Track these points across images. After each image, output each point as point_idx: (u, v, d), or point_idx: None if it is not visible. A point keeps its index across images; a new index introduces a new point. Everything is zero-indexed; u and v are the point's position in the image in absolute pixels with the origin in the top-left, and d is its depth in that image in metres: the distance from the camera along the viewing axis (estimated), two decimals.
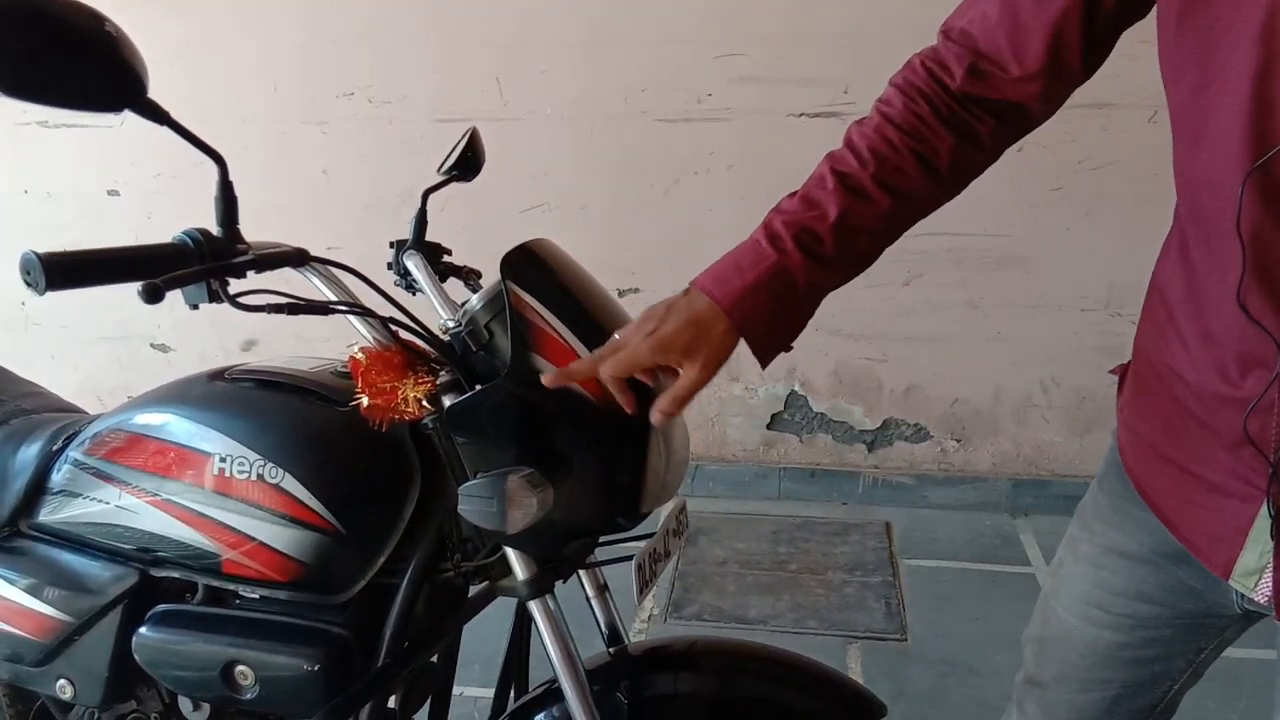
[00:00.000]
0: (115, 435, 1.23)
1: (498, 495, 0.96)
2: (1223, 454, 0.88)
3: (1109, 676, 1.09)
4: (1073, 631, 1.10)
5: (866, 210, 0.97)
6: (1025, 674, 1.19)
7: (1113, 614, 1.06)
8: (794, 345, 1.04)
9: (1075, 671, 1.11)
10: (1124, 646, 1.07)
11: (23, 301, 3.56)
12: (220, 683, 1.17)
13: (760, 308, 0.96)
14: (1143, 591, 1.03)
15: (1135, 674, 1.08)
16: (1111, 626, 1.07)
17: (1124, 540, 1.04)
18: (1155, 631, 1.05)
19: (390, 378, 1.05)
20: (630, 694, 1.09)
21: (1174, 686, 1.10)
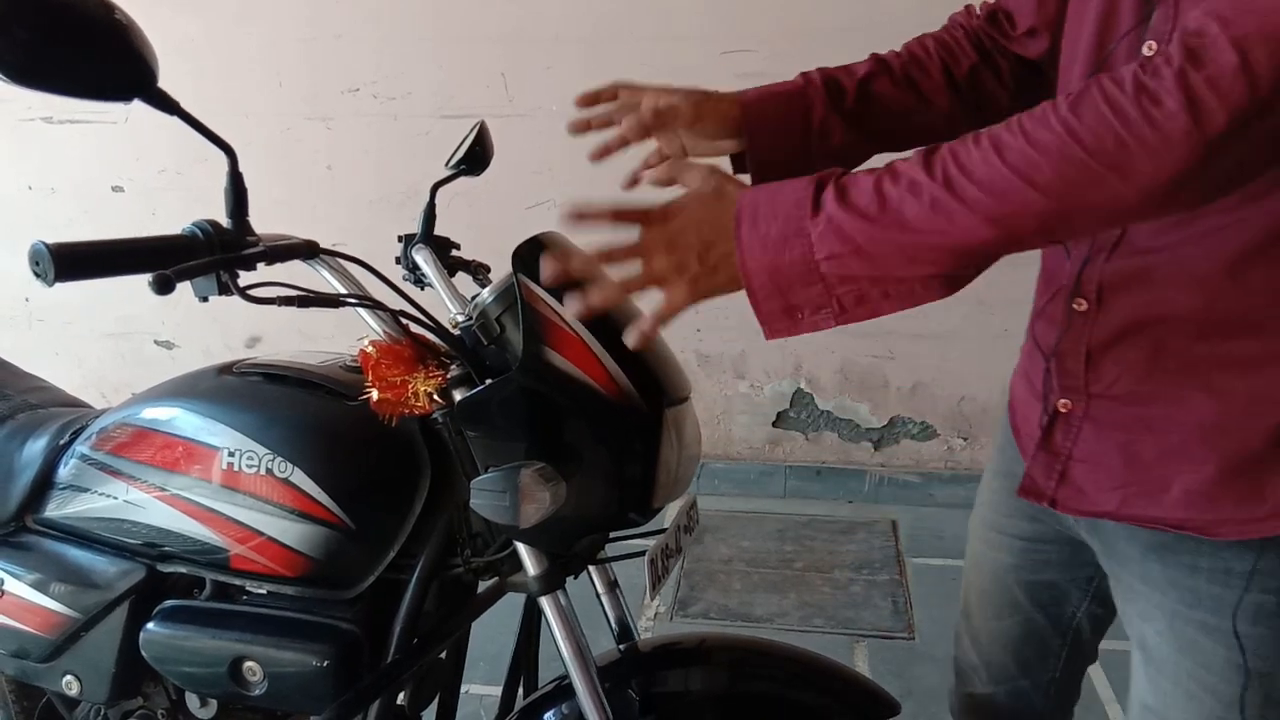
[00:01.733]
0: (122, 430, 1.23)
1: (510, 489, 0.96)
2: (1037, 365, 1.00)
3: (1014, 600, 1.16)
4: (982, 559, 1.20)
5: (888, 87, 1.07)
6: (961, 610, 1.27)
7: (1006, 534, 1.15)
8: None
9: (988, 598, 1.19)
10: (1019, 568, 1.14)
11: (26, 298, 3.55)
12: (228, 679, 1.16)
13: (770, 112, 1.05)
14: (1025, 509, 1.09)
15: (1034, 597, 1.14)
16: (1006, 548, 1.15)
17: (1008, 465, 1.12)
18: (1041, 549, 1.11)
19: (400, 371, 1.05)
20: (641, 691, 1.08)
21: (1076, 615, 1.14)
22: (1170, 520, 0.90)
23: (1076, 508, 0.97)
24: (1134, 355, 0.90)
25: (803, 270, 0.81)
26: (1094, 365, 0.93)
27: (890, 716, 1.12)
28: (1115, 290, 0.89)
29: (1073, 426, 0.96)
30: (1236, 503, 0.87)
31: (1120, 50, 0.86)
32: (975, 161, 0.73)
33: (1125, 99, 0.68)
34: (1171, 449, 0.89)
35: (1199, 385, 0.87)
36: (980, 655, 1.22)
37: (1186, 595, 0.92)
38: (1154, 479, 0.91)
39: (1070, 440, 0.96)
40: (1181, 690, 0.92)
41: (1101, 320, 0.91)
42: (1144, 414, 0.91)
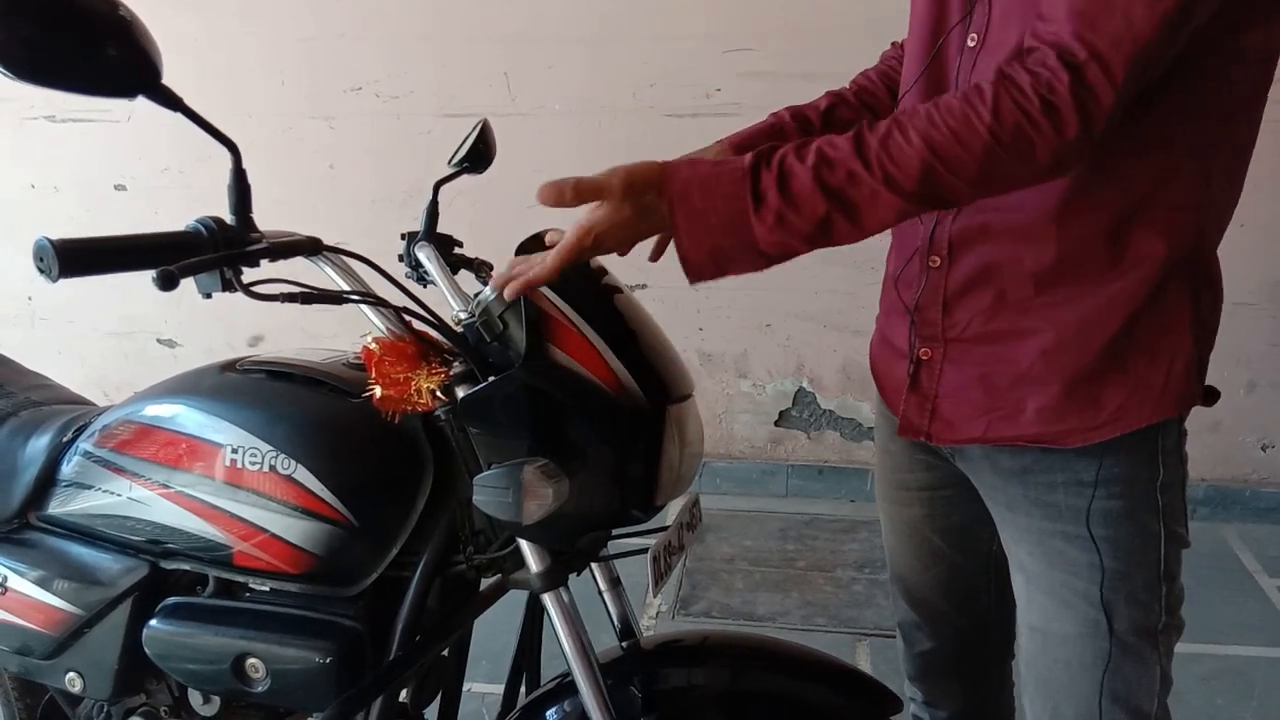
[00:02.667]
0: (126, 426, 1.23)
1: (513, 486, 0.96)
2: (895, 320, 1.11)
3: (934, 549, 1.26)
4: (895, 518, 1.29)
5: (848, 114, 1.22)
6: (890, 574, 1.36)
7: (908, 489, 1.24)
8: None
9: (911, 552, 1.29)
10: (930, 517, 1.24)
11: (29, 296, 3.56)
12: (231, 675, 1.16)
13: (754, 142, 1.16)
14: (916, 460, 1.21)
15: (952, 539, 1.24)
16: (912, 502, 1.25)
17: (885, 425, 1.22)
18: (944, 496, 1.21)
19: (404, 368, 1.05)
20: (644, 688, 1.08)
21: (991, 546, 1.22)
22: (1026, 435, 1.03)
23: (950, 438, 1.09)
24: (982, 301, 1.03)
25: (745, 250, 0.93)
26: (949, 313, 1.05)
27: (893, 714, 1.11)
28: (962, 245, 1.03)
29: (934, 370, 1.08)
30: (1079, 413, 1.00)
31: (951, 41, 1.02)
32: (909, 157, 0.86)
33: (1034, 109, 0.83)
34: (1021, 375, 1.02)
35: (1037, 320, 1.00)
36: (918, 611, 1.31)
37: (1050, 511, 1.04)
38: (1010, 403, 1.03)
39: (934, 382, 1.08)
40: (1057, 600, 1.04)
41: (953, 273, 1.04)
42: (994, 351, 1.03)
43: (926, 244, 1.05)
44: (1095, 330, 0.98)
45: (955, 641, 1.31)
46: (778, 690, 1.09)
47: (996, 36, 0.96)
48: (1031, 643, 1.10)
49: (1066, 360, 0.99)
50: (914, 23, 1.09)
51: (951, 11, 1.02)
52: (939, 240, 1.04)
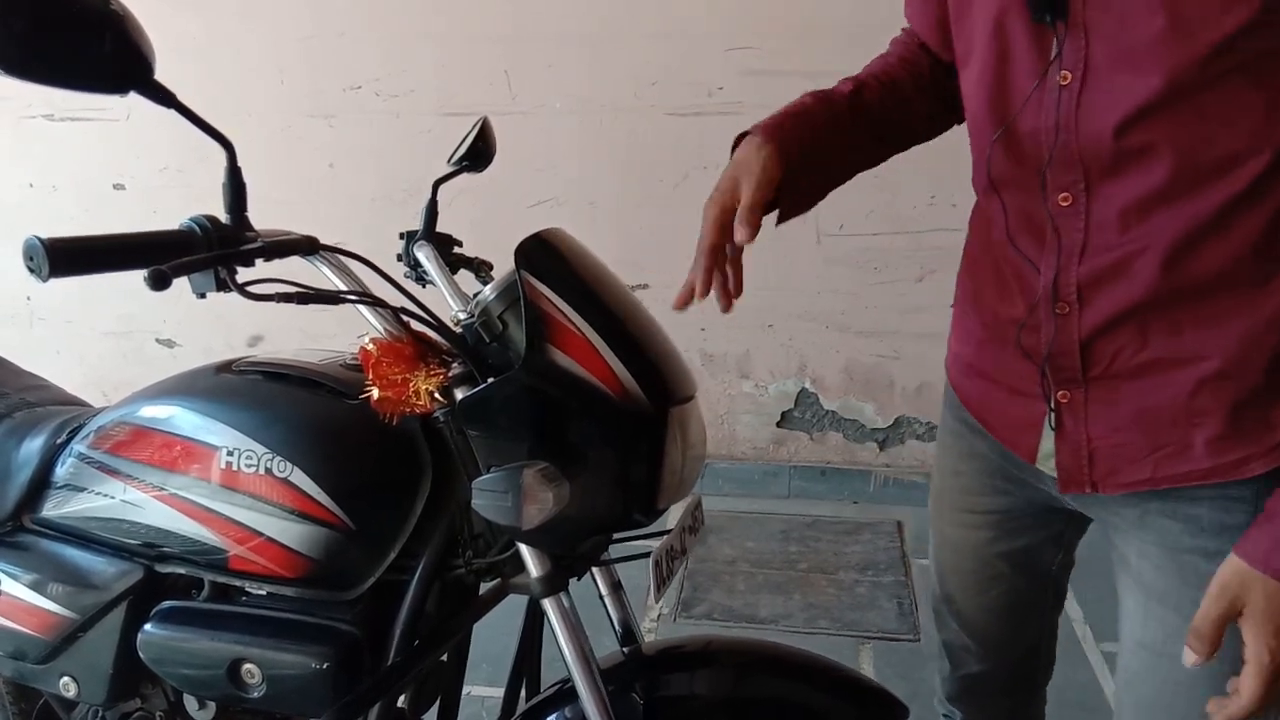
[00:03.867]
0: (120, 428, 1.21)
1: (513, 490, 0.94)
2: (1013, 364, 1.05)
3: (996, 572, 1.22)
4: (956, 541, 1.25)
5: (875, 95, 1.15)
6: (936, 597, 1.32)
7: (978, 513, 1.20)
8: None
9: (970, 577, 1.25)
10: (996, 540, 1.20)
11: (28, 296, 3.54)
12: (227, 681, 1.14)
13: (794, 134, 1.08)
14: (993, 486, 1.17)
15: (1014, 563, 1.21)
16: (981, 525, 1.20)
17: (968, 447, 1.18)
18: (1016, 520, 1.18)
19: (402, 369, 1.03)
20: (645, 694, 1.06)
21: (1053, 568, 1.23)
22: (1199, 471, 0.95)
23: (1116, 484, 1.01)
24: (1125, 338, 0.96)
25: None
26: (1088, 354, 0.98)
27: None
28: (1093, 288, 0.96)
29: (1079, 412, 1.01)
30: (1253, 438, 0.93)
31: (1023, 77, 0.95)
32: None
33: None
34: (1183, 408, 0.95)
35: (1193, 346, 0.93)
36: (971, 634, 1.27)
37: (1190, 525, 0.97)
38: (1176, 438, 0.96)
39: (1082, 425, 1.01)
40: (1183, 618, 0.95)
41: (1087, 318, 0.97)
42: (1148, 384, 0.96)
43: (1050, 292, 0.98)
44: (1257, 348, 0.92)
45: (1006, 665, 1.28)
46: (781, 697, 1.08)
47: (1104, 77, 0.89)
48: (1139, 662, 1.03)
49: (1231, 384, 0.93)
50: (965, 52, 1.02)
51: (1020, 48, 0.94)
52: (1064, 287, 0.97)
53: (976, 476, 1.18)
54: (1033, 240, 0.99)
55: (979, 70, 0.99)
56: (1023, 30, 0.93)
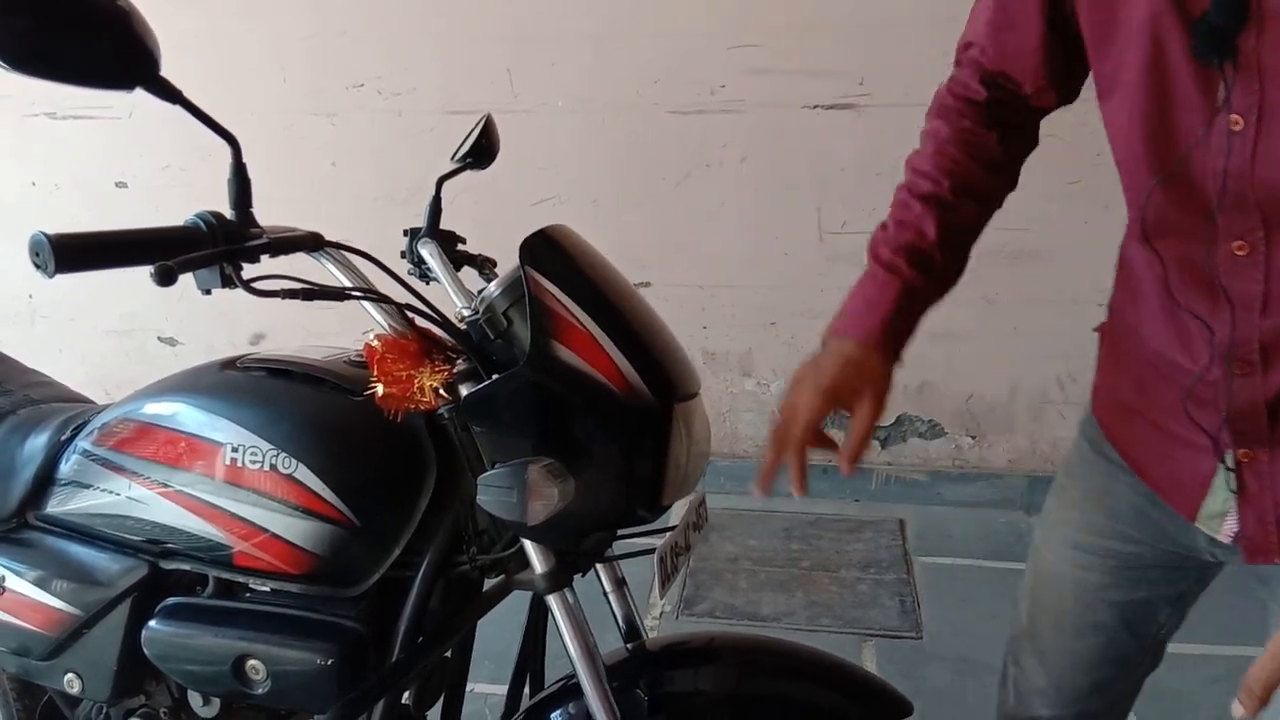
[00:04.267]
0: (125, 425, 1.21)
1: (518, 486, 0.94)
2: (1181, 414, 0.96)
3: (1099, 620, 1.13)
4: (1062, 577, 1.15)
5: (956, 220, 1.06)
6: (1019, 628, 1.24)
7: (1096, 555, 1.11)
8: None
9: (1068, 618, 1.16)
10: (1109, 588, 1.12)
11: (30, 294, 3.55)
12: (231, 677, 1.14)
13: (902, 331, 1.04)
14: (1122, 531, 1.08)
15: (1123, 615, 1.13)
16: (1097, 568, 1.12)
17: (1104, 484, 1.09)
18: (1138, 571, 1.10)
19: (406, 366, 1.03)
20: (649, 690, 1.07)
21: (1161, 630, 1.15)
22: None
23: None
24: None
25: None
26: (1276, 413, 0.91)
27: (903, 717, 1.10)
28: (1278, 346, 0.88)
29: (1262, 472, 0.93)
30: None
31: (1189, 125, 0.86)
32: None
33: None
34: None
35: None
36: (1050, 678, 1.19)
37: None
38: None
39: (1271, 489, 0.93)
40: None
41: (1273, 376, 0.89)
42: None
43: (1226, 350, 0.91)
44: None
45: (1077, 717, 1.20)
46: (785, 693, 1.08)
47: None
48: None
49: None
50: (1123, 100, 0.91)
51: (1182, 86, 0.85)
52: (1243, 345, 0.89)
53: (1105, 516, 1.09)
54: (1200, 294, 0.91)
55: (1130, 108, 0.89)
56: (1184, 67, 0.84)
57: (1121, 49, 0.89)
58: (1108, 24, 0.90)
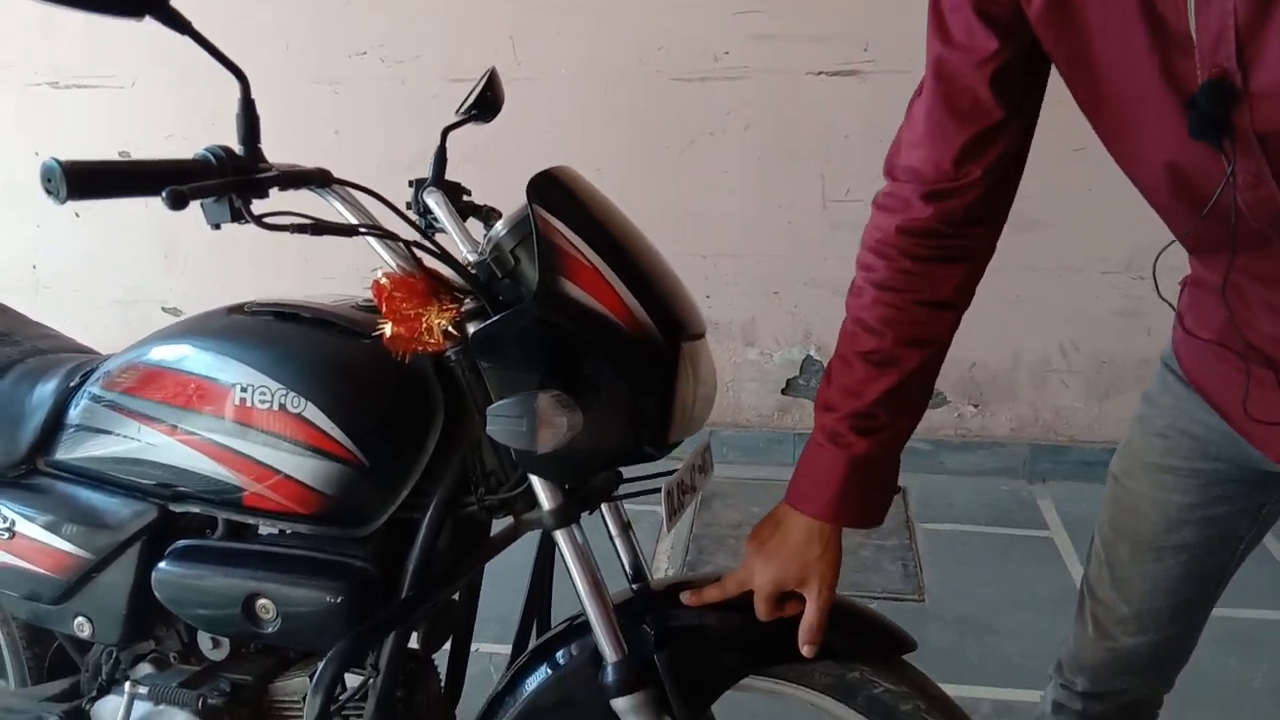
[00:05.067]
0: (134, 369, 1.22)
1: (528, 414, 0.95)
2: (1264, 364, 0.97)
3: (1181, 540, 1.16)
4: (1146, 501, 1.17)
5: (903, 371, 1.03)
6: (1095, 564, 1.26)
7: (1182, 475, 1.14)
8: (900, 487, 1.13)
9: (1148, 541, 1.18)
10: (1194, 506, 1.14)
11: (34, 265, 3.55)
12: (241, 616, 1.15)
13: (854, 501, 1.05)
14: (1209, 452, 1.11)
15: (1205, 533, 1.15)
16: (1182, 489, 1.14)
17: (1191, 411, 1.11)
18: (1221, 488, 1.12)
19: (414, 304, 1.03)
20: (656, 625, 1.07)
21: (1240, 545, 1.17)
22: None
23: None
24: None
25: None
26: None
27: (906, 652, 1.11)
28: None
29: None
30: None
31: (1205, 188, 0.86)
32: None
33: None
34: None
35: None
36: (1131, 606, 1.21)
37: None
38: None
39: None
40: None
41: None
42: None
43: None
44: None
45: (1157, 642, 1.23)
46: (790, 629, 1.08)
47: None
48: None
49: None
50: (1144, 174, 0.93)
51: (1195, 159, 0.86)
52: None
53: (1192, 440, 1.12)
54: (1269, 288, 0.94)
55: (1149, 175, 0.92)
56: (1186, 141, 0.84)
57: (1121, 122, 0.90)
58: (1097, 99, 0.91)
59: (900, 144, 1.02)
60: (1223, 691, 2.03)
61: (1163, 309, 1.14)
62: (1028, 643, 2.22)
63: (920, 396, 1.07)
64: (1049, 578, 2.56)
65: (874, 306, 1.03)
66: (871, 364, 1.03)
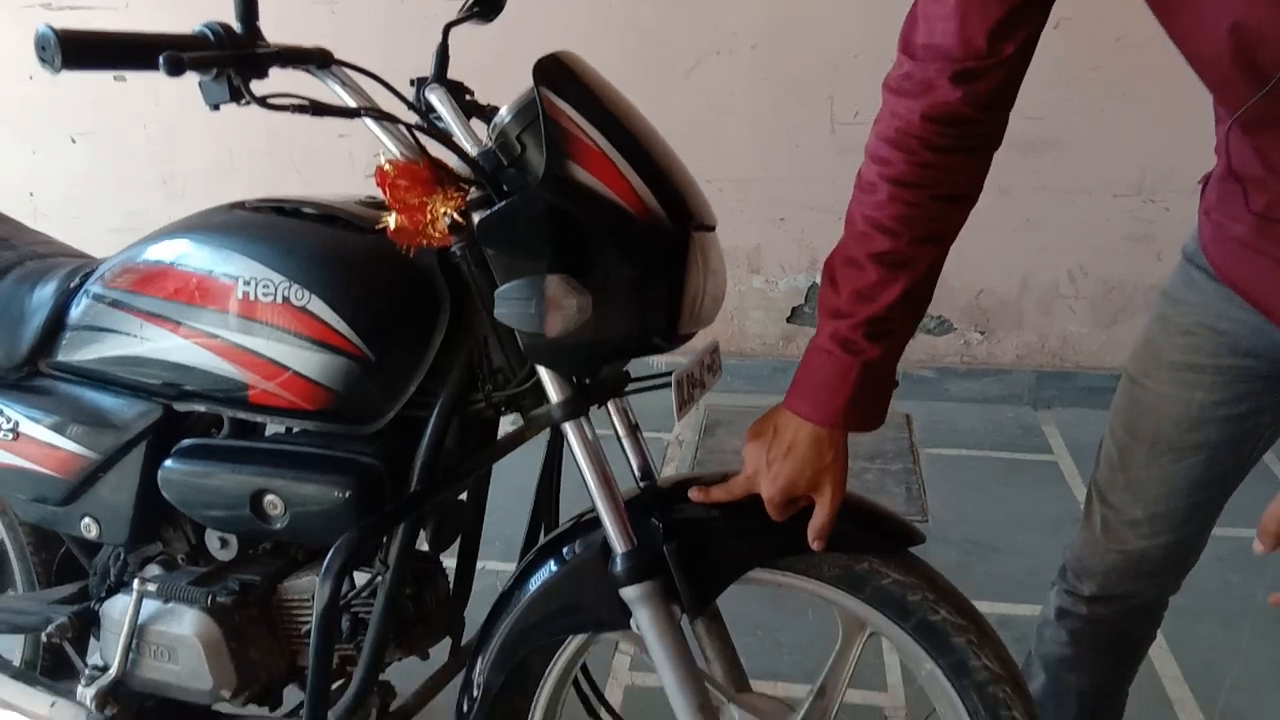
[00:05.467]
0: (135, 267, 1.20)
1: (536, 296, 0.93)
2: None
3: (1202, 439, 1.14)
4: (1167, 401, 1.15)
5: (917, 271, 1.00)
6: (1106, 468, 1.24)
7: (1207, 373, 1.12)
8: None
9: (1168, 441, 1.16)
10: (1217, 404, 1.12)
11: (31, 193, 3.51)
12: (250, 514, 1.15)
13: (864, 407, 1.03)
14: (1239, 348, 1.09)
15: (1227, 431, 1.14)
16: (1206, 386, 1.12)
17: (1219, 307, 1.09)
18: (1249, 384, 1.11)
19: (419, 192, 1.01)
20: (664, 519, 1.07)
21: (1260, 442, 1.16)
22: None
23: None
24: None
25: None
26: None
27: (913, 545, 1.10)
28: None
29: None
30: None
31: None
32: None
33: None
34: None
35: None
36: (1146, 508, 1.20)
37: None
38: None
39: None
40: None
41: None
42: None
43: None
44: None
45: (1169, 545, 1.22)
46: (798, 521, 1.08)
47: None
48: None
49: None
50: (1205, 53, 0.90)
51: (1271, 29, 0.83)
52: None
53: (1219, 335, 1.10)
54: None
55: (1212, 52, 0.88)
56: None
57: None
58: None
59: (920, 17, 0.96)
60: (1225, 607, 2.04)
61: (1175, 233, 1.12)
62: (1029, 560, 2.23)
63: (929, 295, 1.05)
64: (1052, 500, 2.57)
65: (890, 204, 0.98)
66: (885, 266, 0.99)
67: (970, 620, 1.07)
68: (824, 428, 1.02)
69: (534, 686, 1.18)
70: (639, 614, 1.04)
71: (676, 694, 1.05)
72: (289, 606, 1.27)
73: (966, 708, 1.07)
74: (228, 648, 1.22)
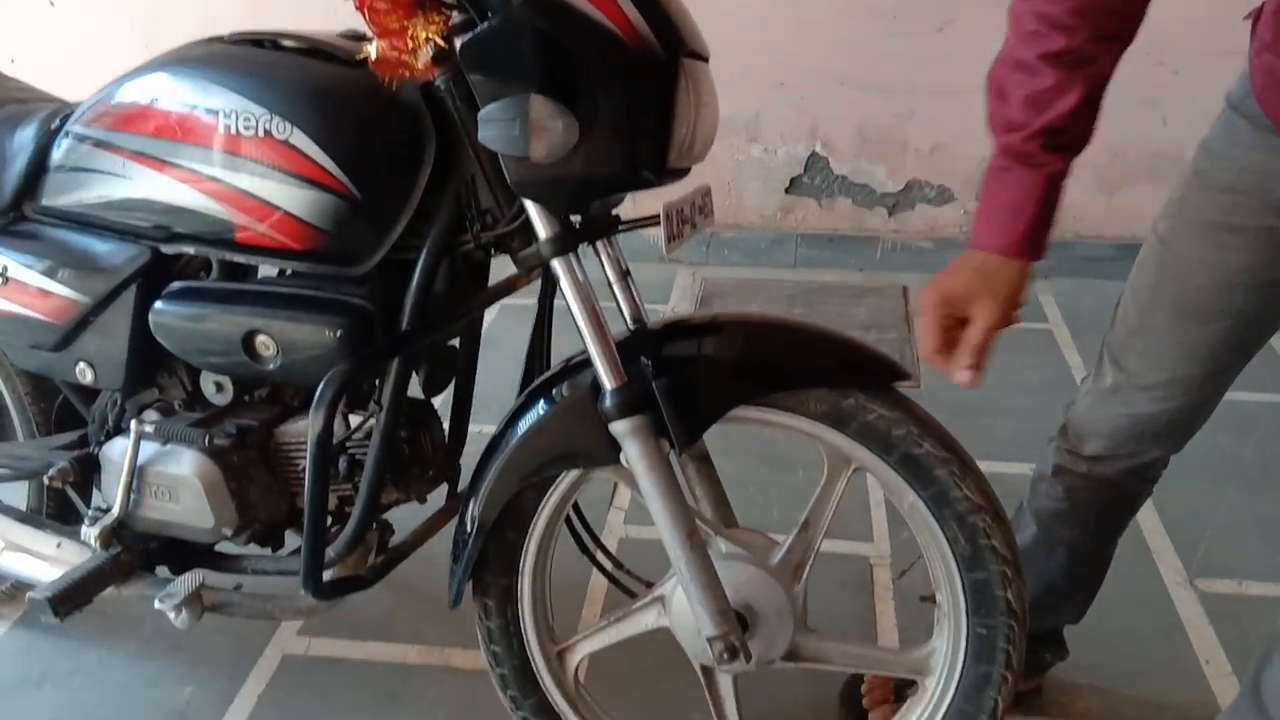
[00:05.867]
0: (116, 106, 1.18)
1: (520, 116, 0.91)
2: None
3: (1230, 304, 1.11)
4: (1194, 263, 1.11)
5: (1098, 75, 0.93)
6: (1123, 328, 1.21)
7: (1247, 235, 1.07)
8: None
9: (1195, 305, 1.13)
10: (1251, 269, 1.08)
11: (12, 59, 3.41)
12: (242, 355, 1.16)
13: (1044, 231, 0.98)
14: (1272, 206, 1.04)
15: (1257, 298, 1.10)
16: (1240, 248, 1.07)
17: (1265, 162, 1.03)
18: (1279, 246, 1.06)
19: (399, 15, 0.98)
20: (654, 357, 1.07)
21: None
22: None
23: None
24: None
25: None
26: None
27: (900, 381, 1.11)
28: None
29: None
30: None
31: None
32: None
33: None
34: None
35: None
36: (1162, 373, 1.17)
37: None
38: None
39: None
40: None
41: None
42: None
43: None
44: None
45: (1178, 409, 1.19)
46: (786, 358, 1.08)
47: None
48: None
49: None
50: None
51: None
52: None
53: (1264, 193, 1.04)
54: None
55: None
56: None
57: None
58: None
59: None
60: (1213, 464, 2.07)
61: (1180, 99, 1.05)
62: (1021, 422, 2.26)
63: (1099, 107, 0.97)
64: (1046, 366, 2.58)
65: None
66: (1063, 66, 0.92)
67: (953, 453, 1.09)
68: (1007, 258, 0.97)
69: (527, 523, 1.20)
70: (628, 448, 1.06)
71: (665, 524, 1.07)
72: (286, 449, 1.29)
73: (947, 537, 1.09)
74: (227, 487, 1.24)
